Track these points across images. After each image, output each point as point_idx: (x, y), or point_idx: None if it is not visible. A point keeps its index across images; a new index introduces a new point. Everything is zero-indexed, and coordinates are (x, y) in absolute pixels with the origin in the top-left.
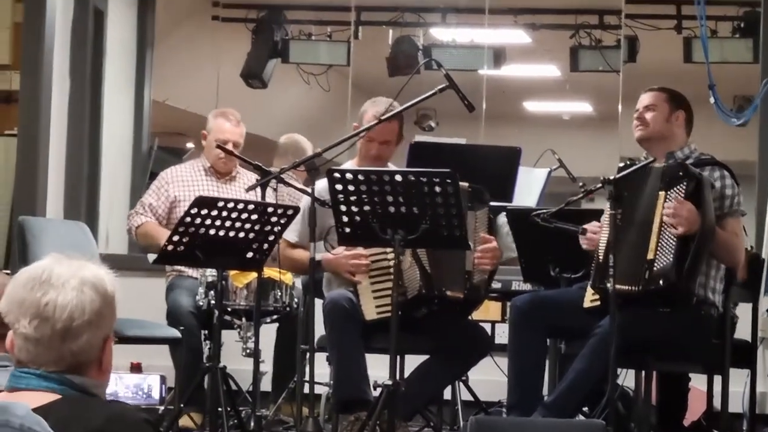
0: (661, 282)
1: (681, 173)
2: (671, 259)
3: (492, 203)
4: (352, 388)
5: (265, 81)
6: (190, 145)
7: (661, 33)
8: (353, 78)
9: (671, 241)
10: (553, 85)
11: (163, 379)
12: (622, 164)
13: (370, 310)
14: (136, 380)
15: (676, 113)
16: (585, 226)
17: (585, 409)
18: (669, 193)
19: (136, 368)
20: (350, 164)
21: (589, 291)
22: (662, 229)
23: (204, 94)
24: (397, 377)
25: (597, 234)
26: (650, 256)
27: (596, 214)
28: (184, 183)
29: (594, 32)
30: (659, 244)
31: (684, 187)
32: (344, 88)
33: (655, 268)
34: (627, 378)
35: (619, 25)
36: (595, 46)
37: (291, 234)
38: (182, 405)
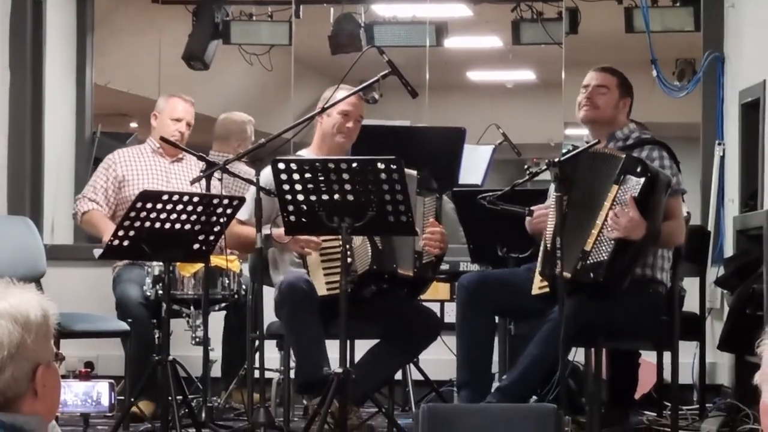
0: (591, 275)
1: (639, 170)
2: (605, 257)
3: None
4: (314, 368)
5: (206, 62)
6: (133, 125)
7: (601, 3)
8: (296, 57)
9: (610, 239)
10: (496, 55)
11: (112, 387)
12: (565, 150)
13: (321, 286)
14: (84, 388)
15: (625, 100)
16: (532, 208)
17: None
18: (621, 188)
19: (84, 376)
20: (306, 152)
21: (537, 278)
22: (605, 225)
23: (146, 76)
24: (348, 364)
25: (542, 219)
26: (587, 247)
27: (542, 194)
28: (132, 162)
29: (535, 5)
30: (598, 239)
31: (639, 187)
32: (287, 67)
33: (588, 261)
34: (577, 354)
35: None
36: (537, 19)
37: (242, 213)
38: (132, 399)
